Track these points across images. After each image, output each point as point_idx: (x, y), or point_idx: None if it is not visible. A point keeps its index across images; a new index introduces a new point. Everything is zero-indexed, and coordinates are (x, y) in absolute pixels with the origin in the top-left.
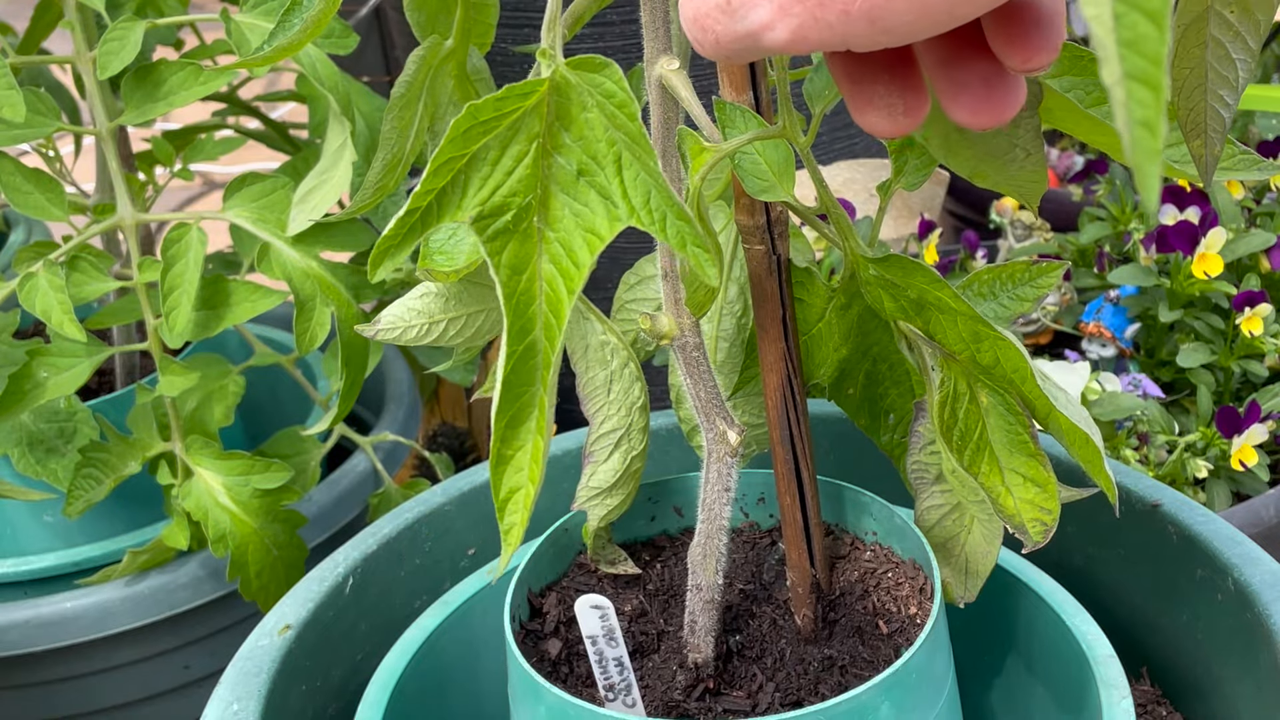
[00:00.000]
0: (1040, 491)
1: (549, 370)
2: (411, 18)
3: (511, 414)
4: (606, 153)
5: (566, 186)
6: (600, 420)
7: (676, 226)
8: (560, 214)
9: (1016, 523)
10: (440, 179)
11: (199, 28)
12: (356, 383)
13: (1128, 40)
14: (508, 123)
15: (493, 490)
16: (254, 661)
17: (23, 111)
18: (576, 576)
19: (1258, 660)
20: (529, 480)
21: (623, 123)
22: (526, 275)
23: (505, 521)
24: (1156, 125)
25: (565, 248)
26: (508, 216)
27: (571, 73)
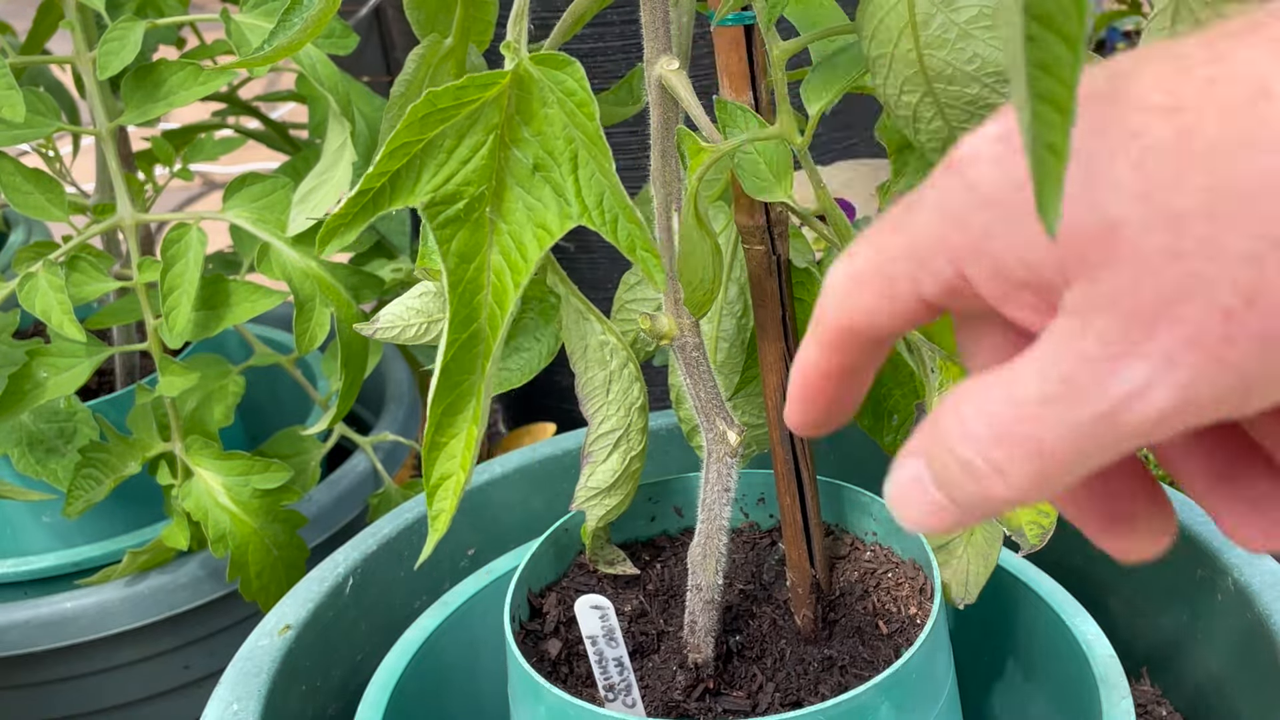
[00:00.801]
0: None
1: (489, 360)
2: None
3: (449, 401)
4: (564, 150)
5: (522, 180)
6: (599, 420)
7: (627, 229)
8: (513, 207)
9: (1014, 526)
10: (395, 162)
11: (199, 28)
12: (355, 383)
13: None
14: (466, 112)
15: (424, 476)
16: (254, 661)
17: (22, 111)
18: (576, 577)
19: (1258, 660)
20: (460, 468)
21: (581, 121)
22: (475, 264)
23: (434, 507)
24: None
25: (515, 240)
26: (460, 205)
27: (535, 67)
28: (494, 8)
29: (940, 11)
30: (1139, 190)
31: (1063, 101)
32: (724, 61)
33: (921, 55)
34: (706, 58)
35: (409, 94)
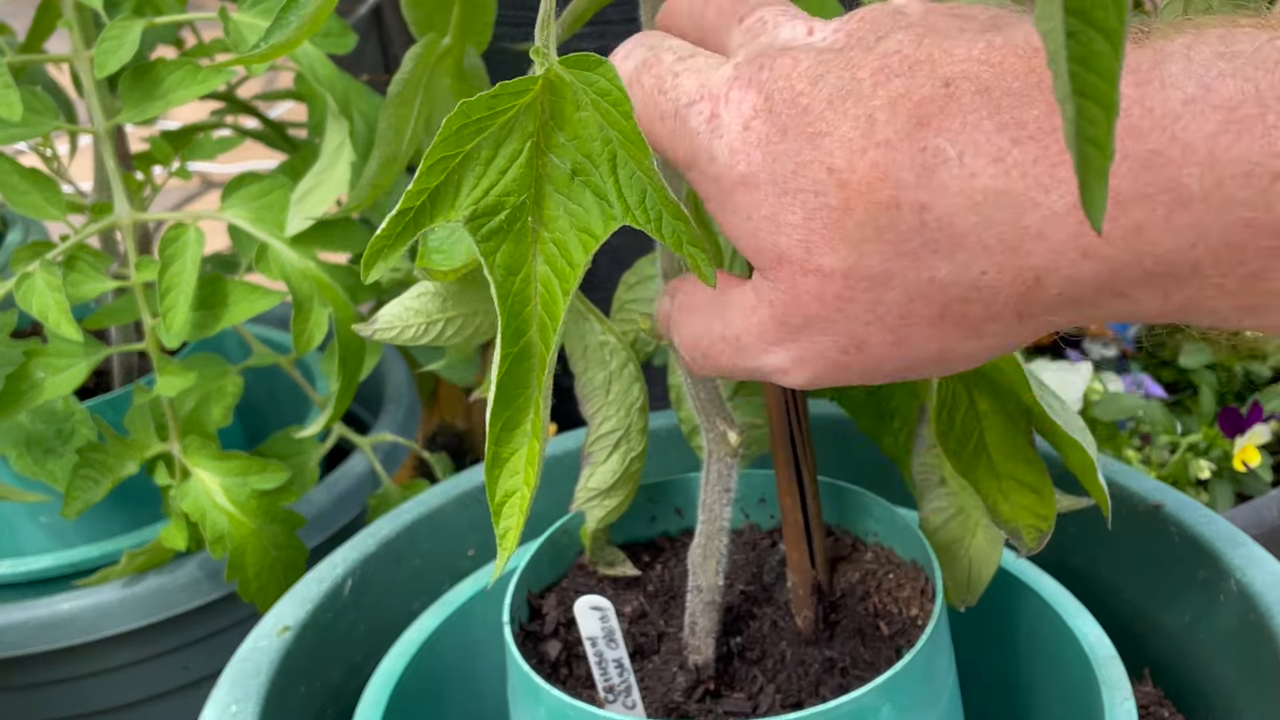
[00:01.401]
0: (1037, 498)
1: (544, 372)
2: (409, 15)
3: (507, 416)
4: (601, 151)
5: (561, 186)
6: (599, 421)
7: (672, 225)
8: (555, 214)
9: (1012, 528)
10: (434, 178)
11: (197, 27)
12: (352, 383)
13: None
14: (501, 121)
15: (488, 493)
16: (252, 662)
17: (19, 110)
18: (576, 578)
19: (1260, 662)
20: (525, 484)
21: (617, 121)
22: (521, 276)
23: (501, 525)
24: (1106, 143)
25: (560, 247)
26: (502, 216)
27: (566, 71)
28: (492, 8)
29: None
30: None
31: (1105, 97)
32: None
33: None
34: None
35: (406, 93)
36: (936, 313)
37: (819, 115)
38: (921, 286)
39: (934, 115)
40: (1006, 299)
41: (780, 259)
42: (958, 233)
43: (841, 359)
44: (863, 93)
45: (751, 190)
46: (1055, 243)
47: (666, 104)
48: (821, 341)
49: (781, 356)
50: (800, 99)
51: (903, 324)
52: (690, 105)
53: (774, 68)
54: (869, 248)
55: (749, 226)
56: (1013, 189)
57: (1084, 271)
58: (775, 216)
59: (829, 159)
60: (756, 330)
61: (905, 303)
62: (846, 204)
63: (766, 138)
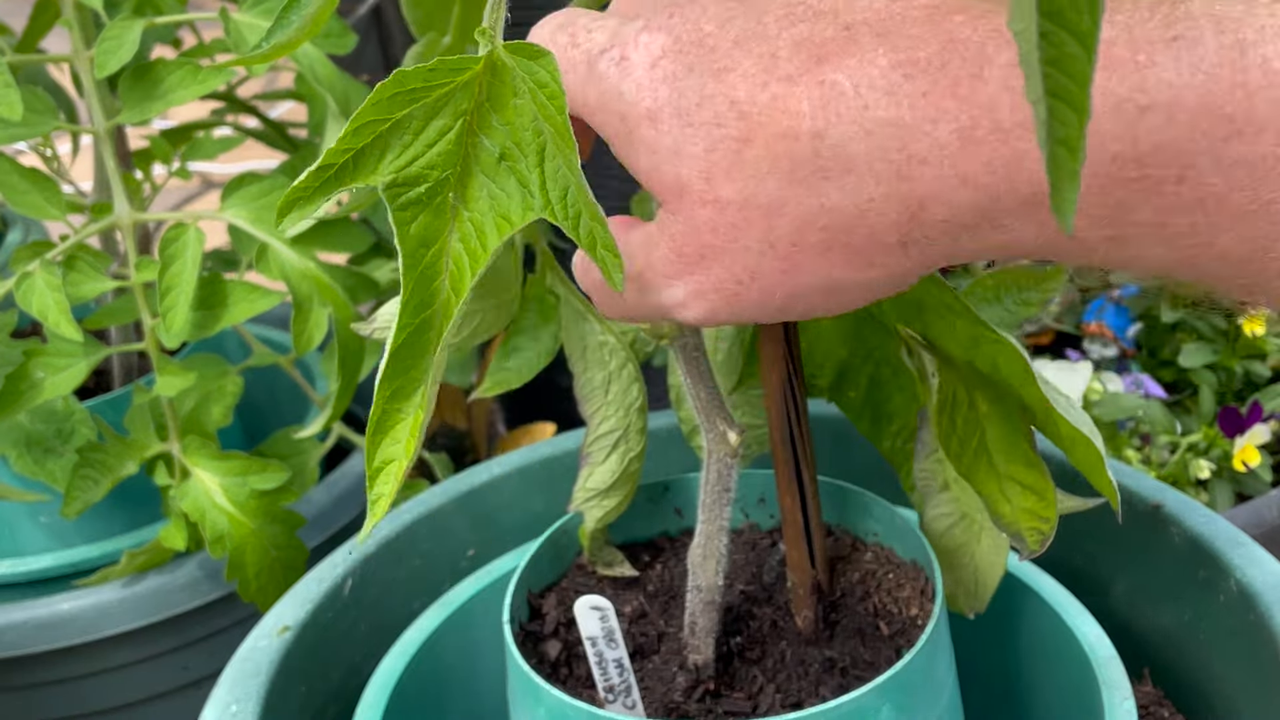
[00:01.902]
0: (1038, 500)
1: (438, 346)
2: (409, 15)
3: (397, 385)
4: (532, 141)
5: (487, 169)
6: (598, 421)
7: (589, 227)
8: (477, 194)
9: (1014, 530)
10: (359, 139)
11: (197, 27)
12: (351, 383)
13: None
14: (436, 95)
15: (366, 459)
16: (252, 662)
17: (20, 110)
18: (576, 578)
19: (1260, 661)
20: (405, 453)
21: (551, 114)
22: (435, 249)
23: (374, 492)
24: (1076, 145)
25: (476, 228)
26: (422, 188)
27: (509, 56)
28: None
29: None
30: (703, 170)
31: (1077, 99)
32: None
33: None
34: None
35: None
36: (825, 239)
37: (725, 53)
38: (812, 213)
39: (834, 54)
40: (891, 224)
41: (681, 190)
42: (849, 158)
43: (736, 290)
44: (768, 34)
45: (656, 123)
46: (939, 170)
47: (579, 55)
48: (716, 272)
49: (679, 290)
50: (707, 39)
51: (794, 250)
52: (602, 53)
53: (683, 14)
54: (765, 177)
55: (653, 160)
56: (902, 118)
57: (964, 198)
58: (678, 148)
59: (732, 92)
60: (657, 264)
61: (796, 230)
62: (746, 135)
63: (673, 74)
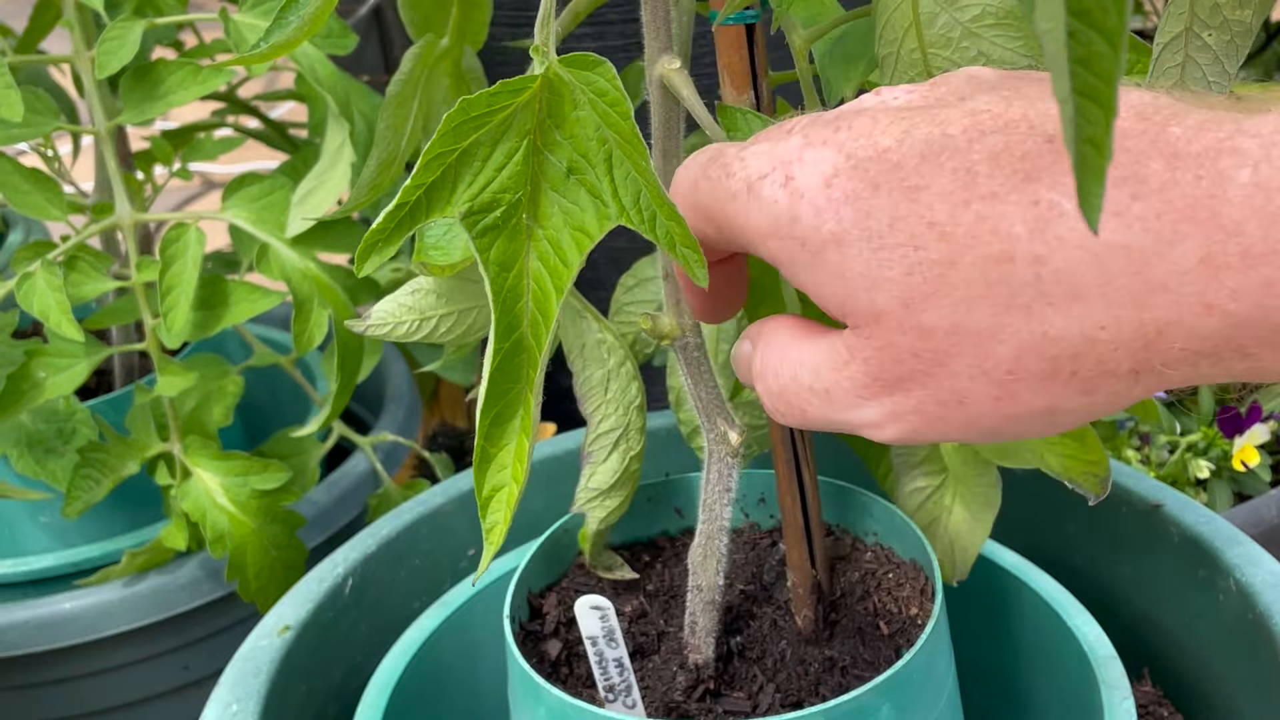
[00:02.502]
0: (1080, 445)
1: (535, 369)
2: (406, 17)
3: (496, 411)
4: (597, 151)
5: (556, 184)
6: (598, 419)
7: (666, 226)
8: (549, 211)
9: (1070, 480)
10: (431, 173)
11: (198, 27)
12: (350, 383)
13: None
14: (500, 118)
15: (475, 488)
16: (253, 662)
17: (21, 111)
18: (576, 577)
19: (1259, 661)
20: (513, 479)
21: (615, 121)
22: (514, 272)
23: (488, 520)
24: (1104, 144)
25: (554, 245)
26: (497, 213)
27: (565, 70)
28: (488, 8)
29: (944, 10)
30: (901, 295)
31: (1104, 98)
32: (725, 60)
33: (926, 55)
34: (707, 57)
35: (404, 94)
36: (1047, 369)
37: (913, 169)
38: (1034, 341)
39: (1043, 170)
40: (1124, 354)
41: (877, 316)
42: (1076, 286)
43: (940, 413)
44: (957, 147)
45: (843, 248)
46: (1180, 296)
47: (736, 184)
48: (918, 396)
49: (874, 411)
50: (888, 154)
51: (1010, 379)
52: (762, 178)
53: (851, 127)
54: (977, 303)
55: (842, 285)
56: (1134, 243)
57: (1208, 326)
58: (870, 273)
59: (928, 213)
60: (848, 385)
61: (1014, 358)
62: (951, 258)
63: (855, 193)
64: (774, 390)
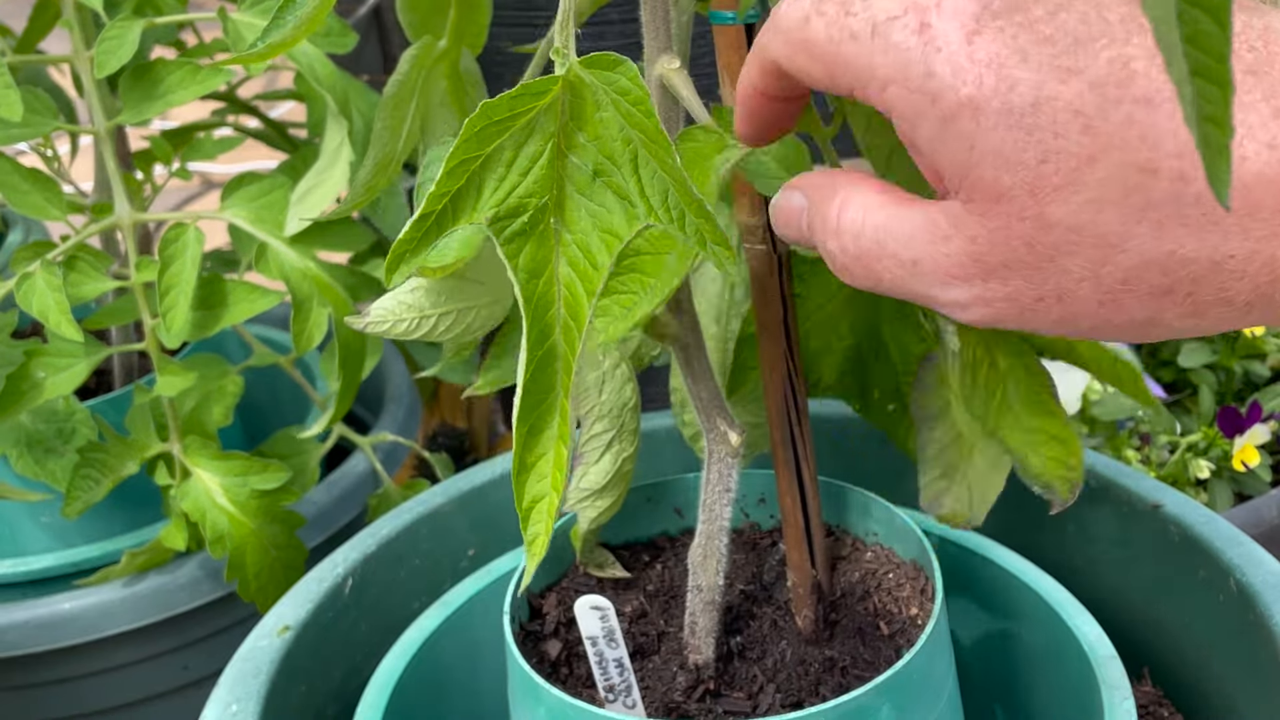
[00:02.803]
0: (1063, 448)
1: (569, 375)
2: (404, 18)
3: (533, 421)
4: (622, 151)
5: (582, 187)
6: (591, 421)
7: (695, 224)
8: (576, 215)
9: (1044, 482)
10: (455, 181)
11: (197, 27)
12: (353, 383)
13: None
14: (522, 122)
15: (516, 499)
16: (253, 662)
17: (20, 111)
18: (576, 577)
19: (1259, 661)
20: (552, 488)
21: (639, 120)
22: (544, 279)
23: (529, 531)
24: (1225, 121)
25: (583, 249)
26: (524, 218)
27: (585, 71)
28: (487, 10)
29: None
30: (1030, 182)
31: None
32: (725, 61)
33: None
34: (706, 57)
35: (401, 95)
36: (1163, 285)
37: (1066, 49)
38: (1158, 257)
39: None
40: (1247, 284)
41: (999, 196)
42: (1217, 212)
43: (1035, 306)
44: (1115, 35)
45: (979, 116)
46: None
47: (858, 23)
48: (1017, 285)
49: (964, 291)
50: (1038, 25)
51: (1122, 289)
52: (891, 20)
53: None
54: (1108, 206)
55: (970, 155)
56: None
57: None
58: (1003, 151)
59: (1077, 100)
60: (944, 260)
61: (1132, 270)
62: (1091, 154)
63: (1000, 59)
64: (850, 250)
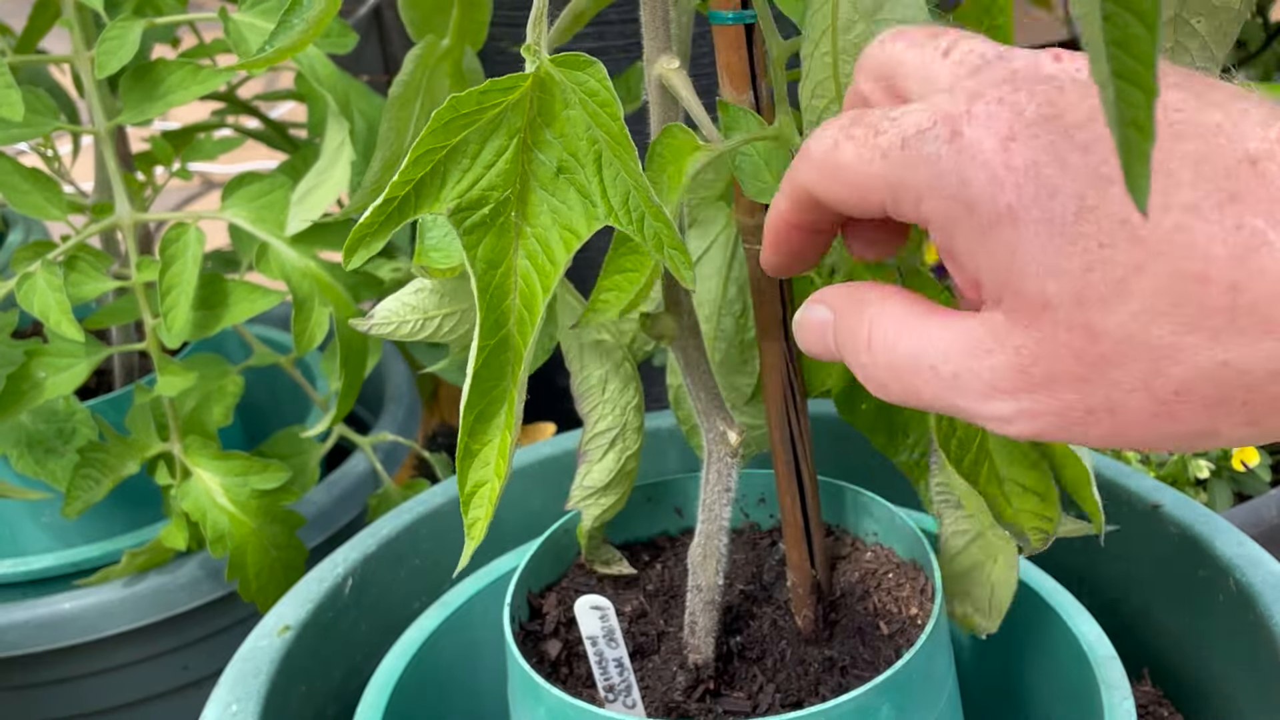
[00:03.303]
0: (1040, 500)
1: (520, 366)
2: (406, 17)
3: (481, 408)
4: (587, 151)
5: (545, 183)
6: (595, 419)
7: (654, 228)
8: (538, 210)
9: (1016, 529)
10: (419, 169)
11: (197, 27)
12: (355, 383)
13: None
14: (489, 116)
15: (459, 484)
16: (253, 662)
17: (21, 111)
18: (576, 577)
19: (1259, 661)
20: (495, 475)
21: (605, 121)
22: (502, 270)
23: (469, 516)
24: (1147, 125)
25: (541, 244)
26: (485, 210)
27: (556, 69)
28: (488, 9)
29: (861, 20)
30: (1076, 292)
31: (1144, 80)
32: (724, 60)
33: (837, 61)
34: (706, 57)
35: (406, 95)
36: (1218, 396)
37: (1105, 158)
38: (1212, 367)
39: (1245, 193)
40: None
41: (1044, 306)
42: (1269, 319)
43: (1085, 419)
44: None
45: (1019, 227)
46: None
47: (887, 140)
48: (1066, 399)
49: (1008, 406)
50: (1075, 133)
51: (1176, 400)
52: (921, 133)
53: (1033, 92)
54: (1158, 317)
55: (1011, 264)
56: None
57: None
58: (1045, 259)
59: (1122, 210)
60: (987, 374)
61: (1186, 381)
62: (1139, 264)
63: (1038, 166)
64: (884, 365)
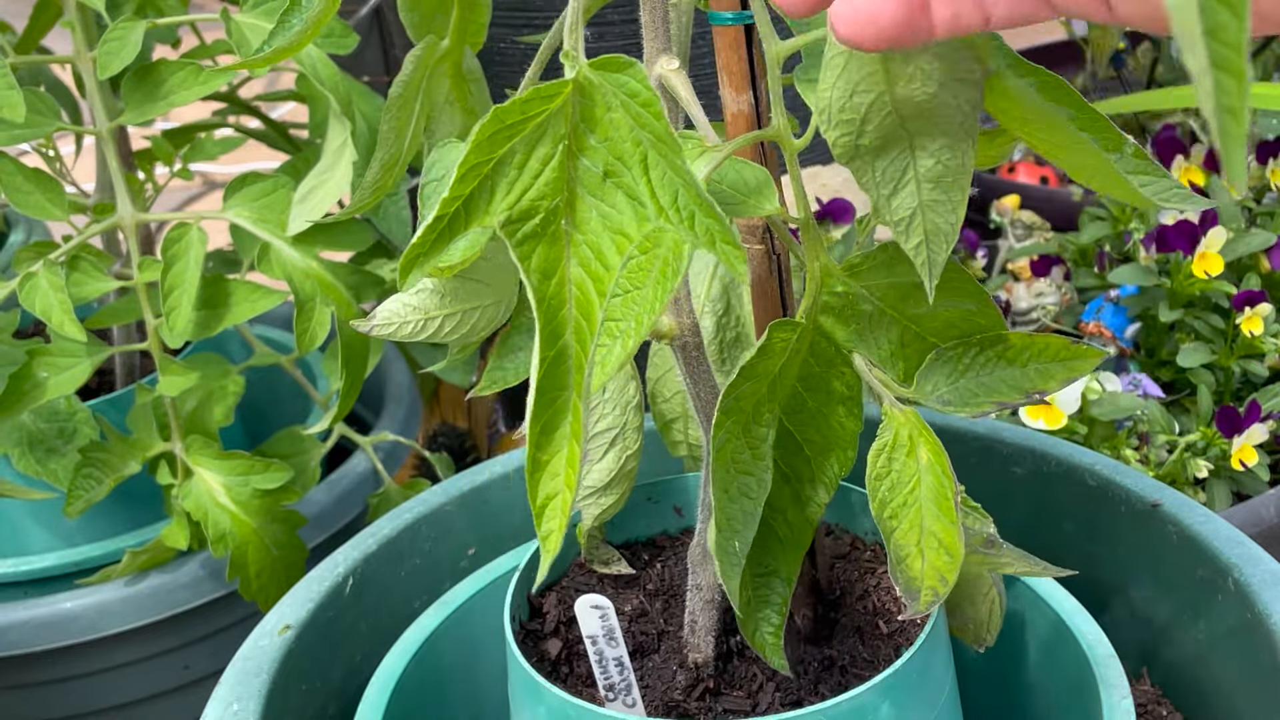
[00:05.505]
0: (949, 561)
1: (581, 374)
2: (406, 18)
3: (545, 419)
4: (632, 152)
5: (593, 189)
6: (595, 419)
7: (705, 224)
8: (587, 216)
9: (914, 587)
10: (467, 185)
11: (199, 27)
12: (356, 382)
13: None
14: (533, 125)
15: (530, 497)
16: (254, 661)
17: (23, 111)
18: (576, 576)
19: (1258, 660)
20: (565, 486)
21: (648, 121)
22: (556, 279)
23: (544, 528)
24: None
25: (594, 250)
26: (535, 220)
27: (595, 73)
28: (488, 10)
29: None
30: None
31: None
32: (724, 61)
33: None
34: (706, 57)
35: (406, 96)
36: None
37: None
38: None
39: None
40: None
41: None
42: None
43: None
44: None
45: None
46: None
47: None
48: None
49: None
50: None
51: None
52: None
53: None
54: None
55: None
56: None
57: None
58: None
59: None
60: None
61: None
62: None
63: None
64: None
